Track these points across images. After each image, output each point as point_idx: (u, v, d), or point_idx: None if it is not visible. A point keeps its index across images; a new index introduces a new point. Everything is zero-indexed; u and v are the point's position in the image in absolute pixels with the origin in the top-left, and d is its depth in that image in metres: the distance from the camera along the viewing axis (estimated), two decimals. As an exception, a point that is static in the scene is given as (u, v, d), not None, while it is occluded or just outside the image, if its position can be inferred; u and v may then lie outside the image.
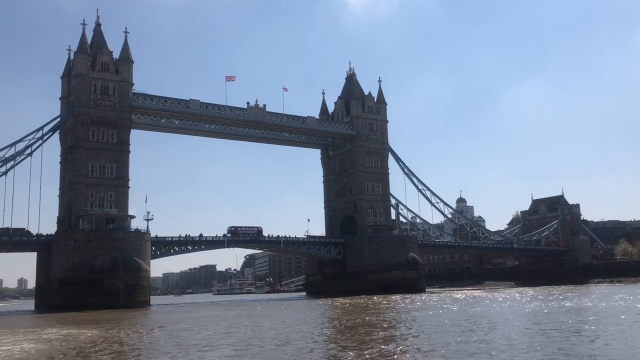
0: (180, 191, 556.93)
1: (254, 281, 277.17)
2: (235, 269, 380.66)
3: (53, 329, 50.36)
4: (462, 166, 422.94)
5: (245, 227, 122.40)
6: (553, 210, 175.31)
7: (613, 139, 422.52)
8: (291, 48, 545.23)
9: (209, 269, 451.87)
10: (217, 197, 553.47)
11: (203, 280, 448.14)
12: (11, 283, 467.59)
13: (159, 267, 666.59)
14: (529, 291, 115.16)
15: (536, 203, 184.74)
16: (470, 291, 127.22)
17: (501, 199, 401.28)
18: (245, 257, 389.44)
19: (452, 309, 61.70)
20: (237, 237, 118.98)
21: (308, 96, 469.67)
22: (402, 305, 73.50)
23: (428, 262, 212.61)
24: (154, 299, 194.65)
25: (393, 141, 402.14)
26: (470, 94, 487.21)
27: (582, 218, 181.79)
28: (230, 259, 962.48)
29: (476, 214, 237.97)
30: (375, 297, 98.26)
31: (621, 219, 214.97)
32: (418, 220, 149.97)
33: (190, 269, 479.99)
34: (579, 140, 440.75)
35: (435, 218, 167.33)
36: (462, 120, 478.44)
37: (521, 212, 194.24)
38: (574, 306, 59.69)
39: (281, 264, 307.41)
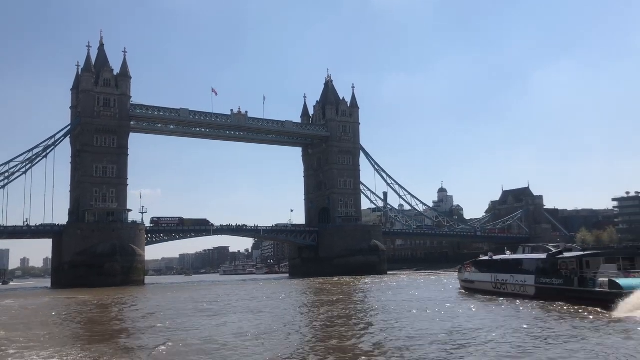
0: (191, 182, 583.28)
1: (255, 263, 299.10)
2: (247, 251, 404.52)
3: (58, 295, 72.35)
4: (477, 148, 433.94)
5: (167, 218, 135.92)
6: (519, 201, 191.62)
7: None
8: (316, 32, 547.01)
9: (222, 251, 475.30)
10: (219, 188, 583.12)
11: (216, 261, 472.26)
12: (37, 262, 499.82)
13: (176, 249, 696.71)
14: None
15: (505, 194, 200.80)
16: (430, 273, 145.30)
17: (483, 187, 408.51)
18: (255, 239, 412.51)
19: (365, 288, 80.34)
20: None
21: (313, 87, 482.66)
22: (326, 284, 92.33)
23: (411, 247, 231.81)
24: (169, 279, 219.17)
25: (415, 123, 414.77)
26: (496, 74, 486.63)
27: (547, 207, 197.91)
28: (245, 241, 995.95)
29: (458, 202, 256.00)
30: (318, 279, 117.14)
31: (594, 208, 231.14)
32: (388, 207, 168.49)
33: (204, 250, 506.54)
34: (607, 123, 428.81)
35: (418, 207, 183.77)
36: (487, 102, 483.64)
37: (492, 202, 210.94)
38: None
39: (284, 248, 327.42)
